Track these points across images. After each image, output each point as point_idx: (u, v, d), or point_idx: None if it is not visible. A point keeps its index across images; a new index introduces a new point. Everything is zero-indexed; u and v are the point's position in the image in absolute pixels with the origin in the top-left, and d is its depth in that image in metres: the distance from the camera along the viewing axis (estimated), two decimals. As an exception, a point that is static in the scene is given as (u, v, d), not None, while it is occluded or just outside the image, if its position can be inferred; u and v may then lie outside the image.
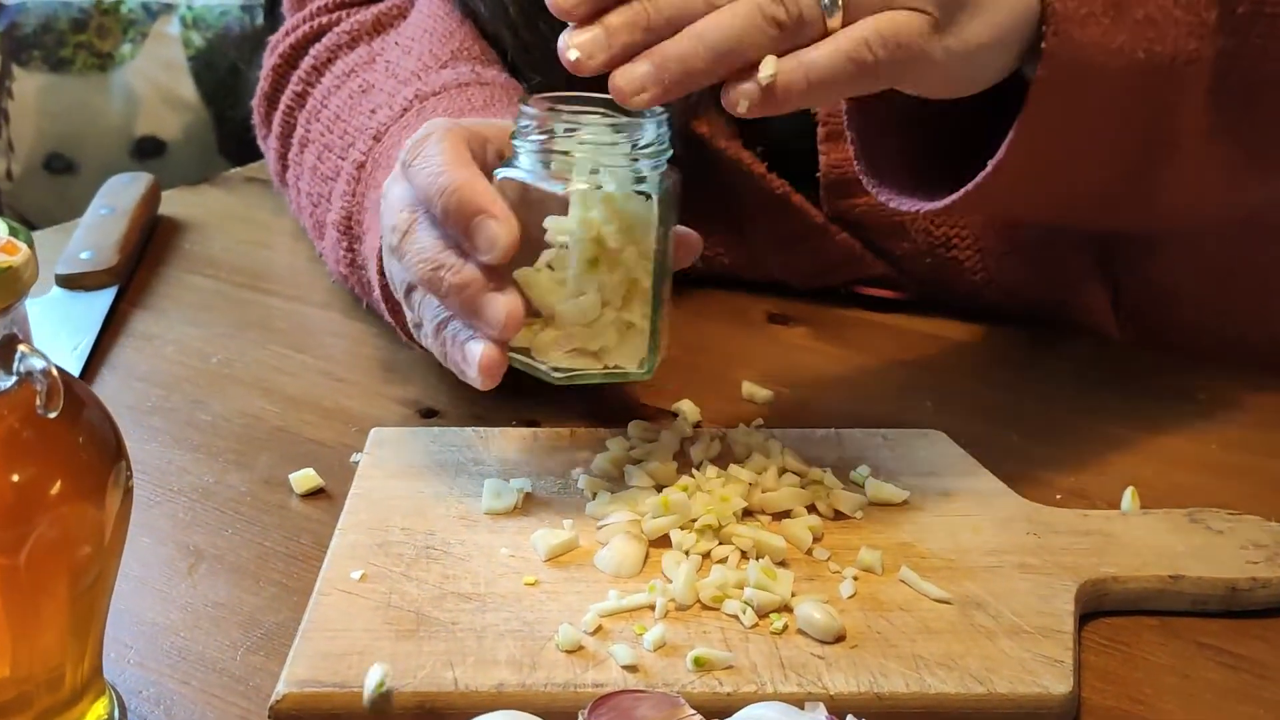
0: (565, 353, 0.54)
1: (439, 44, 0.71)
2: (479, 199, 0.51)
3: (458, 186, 0.51)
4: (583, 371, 0.55)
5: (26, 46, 1.23)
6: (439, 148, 0.53)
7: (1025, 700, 0.46)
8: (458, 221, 0.52)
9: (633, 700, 0.44)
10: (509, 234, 0.51)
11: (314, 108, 0.74)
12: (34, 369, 0.38)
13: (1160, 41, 0.54)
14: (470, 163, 0.53)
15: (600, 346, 0.54)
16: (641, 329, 0.54)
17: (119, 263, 0.79)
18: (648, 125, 0.53)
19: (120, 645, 0.50)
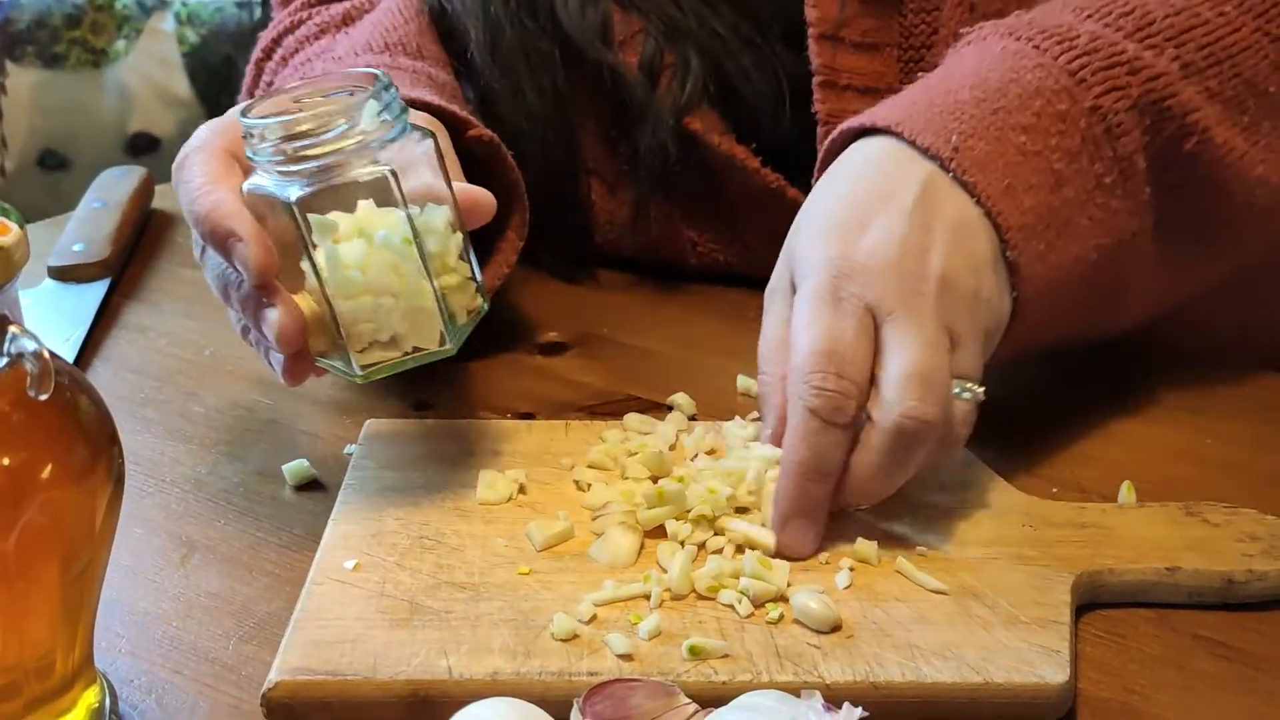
0: (360, 350, 0.53)
1: (378, 35, 0.72)
2: (227, 223, 0.52)
3: (207, 213, 0.52)
4: (385, 362, 0.54)
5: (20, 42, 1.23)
6: (194, 171, 0.54)
7: (1022, 690, 0.46)
8: (217, 248, 0.53)
9: (627, 689, 0.43)
10: (258, 256, 0.51)
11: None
12: (25, 350, 0.38)
13: (1107, 235, 0.58)
14: (222, 179, 0.54)
15: (392, 335, 0.53)
16: (429, 309, 0.53)
17: (111, 255, 0.79)
18: (369, 103, 0.52)
19: (112, 634, 0.50)
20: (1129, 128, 0.57)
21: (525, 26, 0.72)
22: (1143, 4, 0.60)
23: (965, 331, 0.53)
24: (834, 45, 0.69)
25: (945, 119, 0.56)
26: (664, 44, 0.72)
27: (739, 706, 0.42)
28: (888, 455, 0.51)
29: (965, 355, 0.53)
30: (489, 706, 0.41)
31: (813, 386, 0.51)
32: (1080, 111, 0.57)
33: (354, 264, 0.51)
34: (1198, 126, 0.58)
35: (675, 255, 0.77)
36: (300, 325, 0.52)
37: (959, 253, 0.54)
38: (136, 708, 0.47)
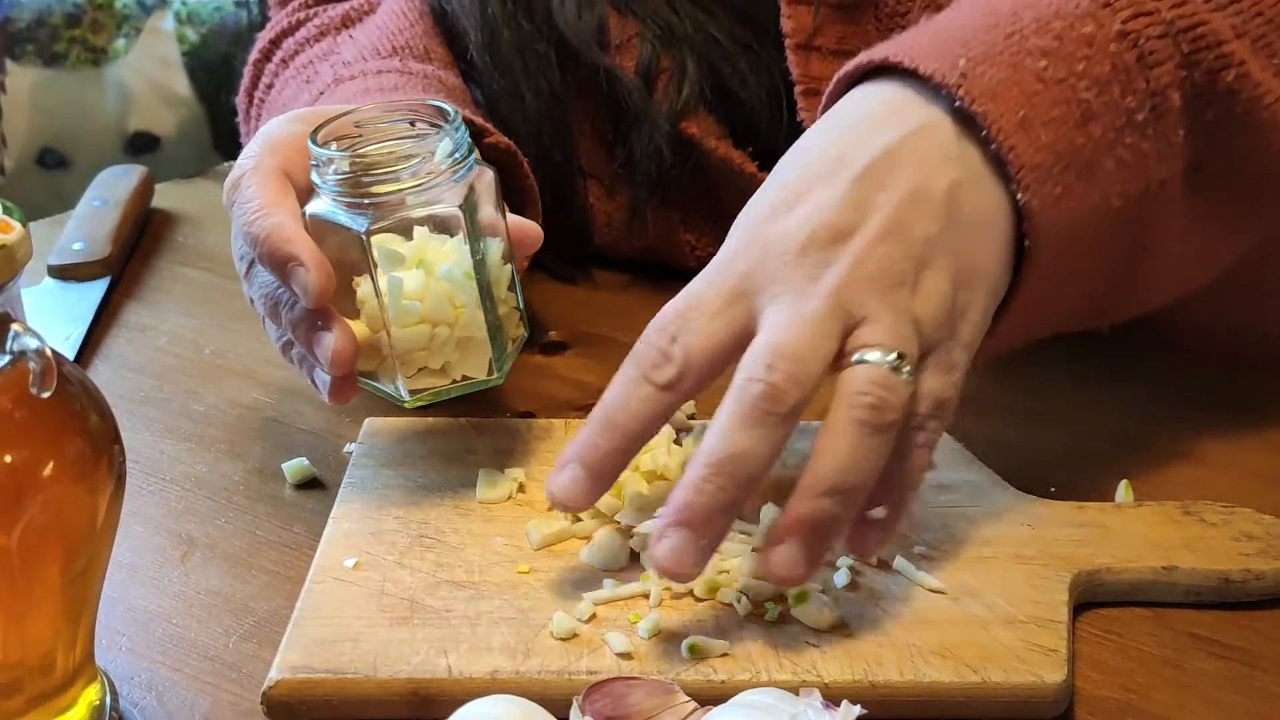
0: (410, 376, 0.54)
1: (384, 39, 0.72)
2: (287, 247, 0.52)
3: (267, 235, 0.52)
4: (433, 389, 0.55)
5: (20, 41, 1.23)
6: (251, 191, 0.54)
7: (1019, 689, 0.46)
8: (273, 270, 0.53)
9: (627, 687, 0.44)
10: (318, 281, 0.51)
11: (272, 100, 0.75)
12: (27, 348, 0.38)
13: (1133, 181, 0.52)
14: (280, 200, 0.53)
15: (443, 363, 0.54)
16: (480, 339, 0.54)
17: (112, 254, 0.79)
18: (442, 141, 0.53)
19: (112, 632, 0.50)
20: (1162, 56, 0.51)
21: (522, 28, 0.72)
22: None
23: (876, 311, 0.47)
24: (809, 54, 0.69)
25: (952, 45, 0.50)
26: (660, 48, 0.72)
27: (738, 704, 0.42)
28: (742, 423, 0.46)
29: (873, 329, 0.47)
30: (489, 704, 0.41)
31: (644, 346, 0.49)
32: (1109, 36, 0.50)
33: (414, 294, 0.52)
34: (1234, 58, 0.52)
35: (673, 257, 0.77)
36: (354, 349, 0.52)
37: (903, 218, 0.48)
38: (137, 705, 0.47)
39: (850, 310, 0.47)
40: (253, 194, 0.53)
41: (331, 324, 0.52)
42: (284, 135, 0.57)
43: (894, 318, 0.47)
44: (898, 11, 0.69)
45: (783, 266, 0.48)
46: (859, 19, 0.70)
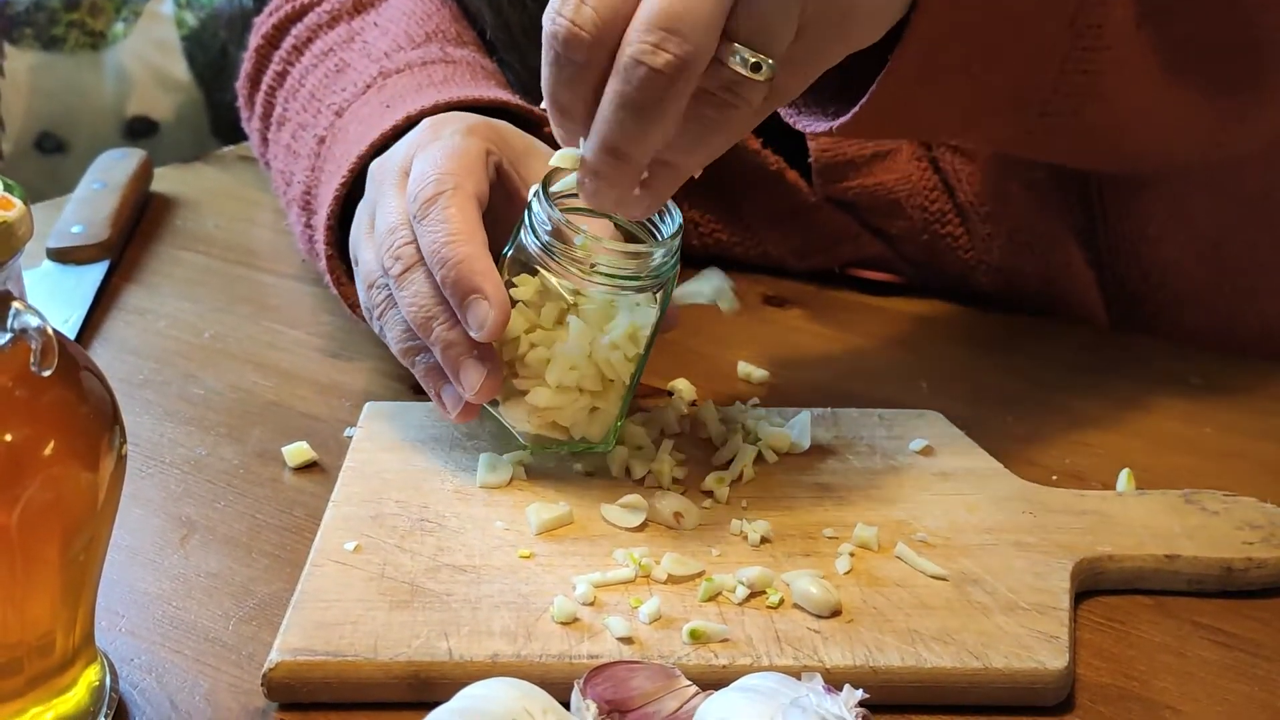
0: (540, 425, 0.55)
1: (415, 25, 0.72)
2: (476, 279, 0.52)
3: (459, 262, 0.52)
4: (549, 438, 0.56)
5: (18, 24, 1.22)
6: (449, 214, 0.54)
7: (1021, 675, 0.46)
8: (453, 295, 0.53)
9: (628, 671, 0.43)
10: (498, 320, 0.52)
11: (292, 87, 0.74)
12: (28, 326, 0.38)
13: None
14: (476, 231, 0.54)
15: (570, 424, 0.55)
16: (611, 413, 0.55)
17: (111, 237, 0.78)
18: (657, 252, 0.53)
19: (111, 614, 0.50)
20: None
21: (527, 7, 0.72)
22: None
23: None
24: None
25: None
26: None
27: (740, 688, 0.42)
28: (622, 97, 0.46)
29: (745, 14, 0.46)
30: (490, 686, 0.41)
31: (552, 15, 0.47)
32: None
33: (579, 364, 0.53)
34: None
35: None
36: (498, 387, 0.54)
37: None
38: (137, 686, 0.47)
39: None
40: (450, 215, 0.53)
41: (487, 357, 0.53)
42: (471, 153, 0.56)
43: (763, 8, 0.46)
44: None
45: None
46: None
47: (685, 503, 0.53)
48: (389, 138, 0.61)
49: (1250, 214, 0.71)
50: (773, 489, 0.55)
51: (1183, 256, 0.72)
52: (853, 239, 0.76)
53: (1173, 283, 0.72)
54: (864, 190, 0.73)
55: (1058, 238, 0.72)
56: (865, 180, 0.73)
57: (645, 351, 0.55)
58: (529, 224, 0.53)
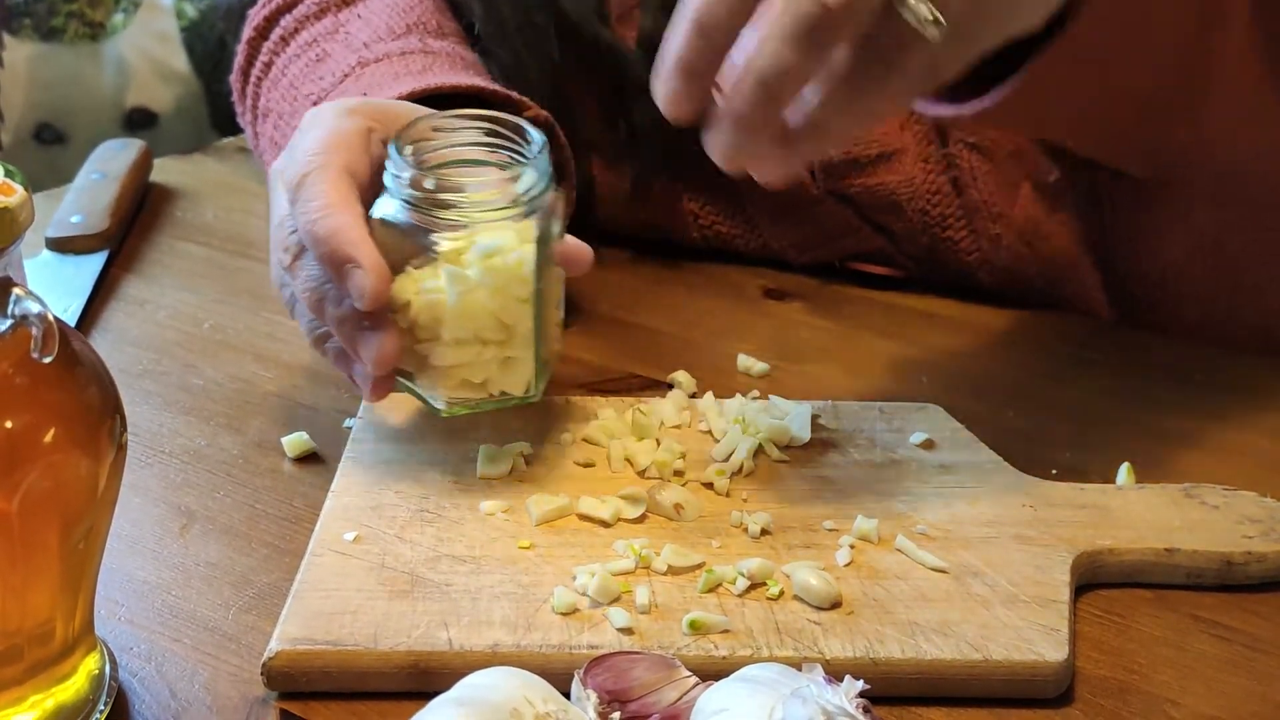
0: (452, 386, 0.54)
1: (397, 17, 0.72)
2: (348, 249, 0.51)
3: (328, 236, 0.52)
4: (468, 399, 0.55)
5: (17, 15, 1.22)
6: (315, 190, 0.53)
7: (1021, 667, 0.46)
8: (330, 269, 0.52)
9: (629, 662, 0.43)
10: (375, 286, 0.51)
11: (274, 78, 0.74)
12: (29, 312, 0.38)
13: None
14: (345, 202, 0.53)
15: (483, 379, 0.54)
16: (524, 359, 0.54)
17: (110, 227, 0.78)
18: (526, 172, 0.53)
19: (111, 603, 0.50)
20: None
21: (520, 2, 0.72)
22: None
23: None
24: None
25: None
26: (662, 19, 0.72)
27: (741, 679, 0.42)
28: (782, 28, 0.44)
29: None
30: (491, 675, 0.41)
31: None
32: None
33: (473, 313, 0.52)
34: None
35: (677, 228, 0.77)
36: (399, 352, 0.53)
37: None
38: (136, 675, 0.47)
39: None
40: (317, 193, 0.53)
41: (380, 325, 0.52)
42: (343, 130, 0.56)
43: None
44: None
45: None
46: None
47: (685, 494, 0.53)
48: None
49: (1253, 214, 0.71)
50: (773, 481, 0.55)
51: (1185, 257, 0.72)
52: (854, 233, 0.76)
53: (1174, 282, 0.72)
54: (865, 189, 0.73)
55: (1065, 238, 0.72)
56: (868, 180, 0.73)
57: (538, 288, 0.53)
58: (387, 183, 0.53)
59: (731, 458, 0.56)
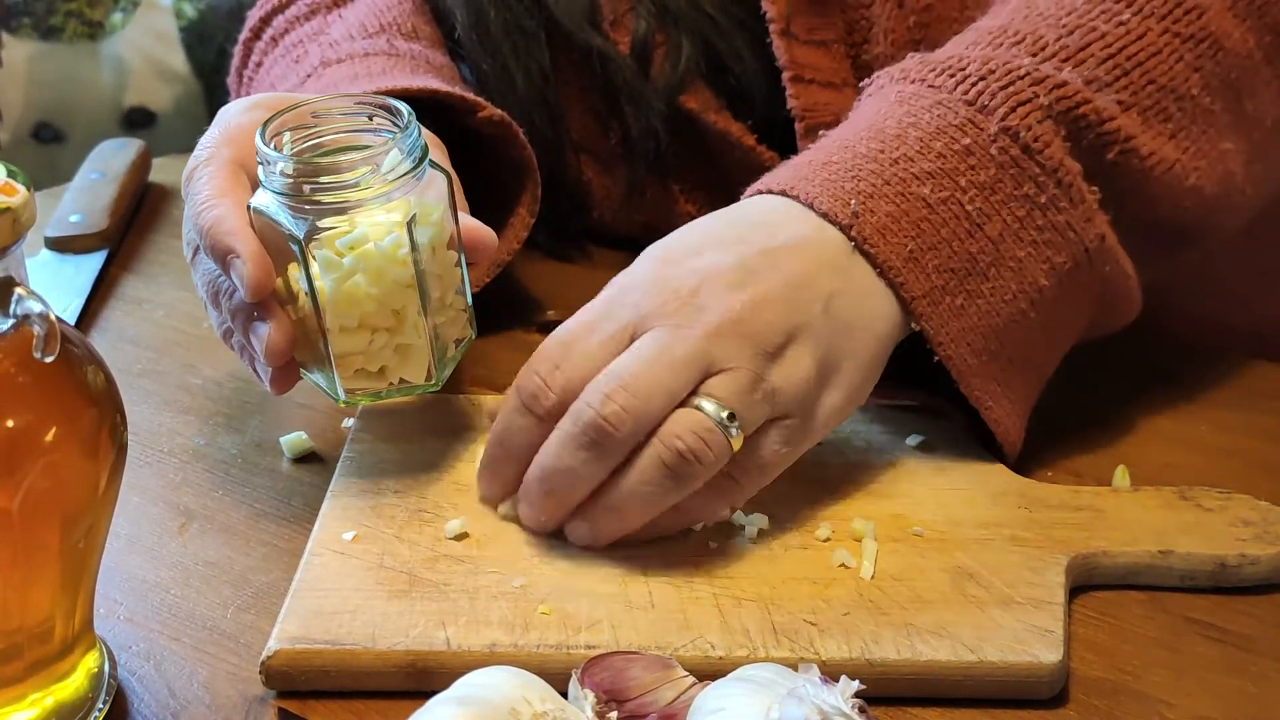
0: (347, 376, 0.53)
1: (371, 17, 0.72)
2: (228, 240, 0.51)
3: (210, 226, 0.52)
4: (369, 389, 0.54)
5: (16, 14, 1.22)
6: (201, 183, 0.54)
7: (1016, 668, 0.46)
8: (215, 260, 0.52)
9: (626, 661, 0.44)
10: (254, 275, 0.51)
11: (261, 78, 0.74)
12: (31, 312, 0.38)
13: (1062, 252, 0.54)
14: (228, 193, 0.53)
15: (380, 367, 0.53)
16: (419, 346, 0.53)
17: (109, 227, 0.78)
18: (391, 151, 0.51)
19: (110, 601, 0.50)
20: (1048, 139, 0.54)
21: (510, 8, 0.72)
22: (1033, 30, 0.57)
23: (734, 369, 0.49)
24: (789, 40, 0.69)
25: (843, 179, 0.54)
26: (655, 25, 0.72)
27: (738, 679, 0.42)
28: (569, 445, 0.49)
29: (724, 381, 0.49)
30: (489, 675, 0.42)
31: (529, 372, 0.51)
32: (987, 140, 0.54)
33: (352, 300, 0.51)
34: (1119, 135, 0.55)
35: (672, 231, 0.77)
36: (290, 341, 0.52)
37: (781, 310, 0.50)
38: (135, 673, 0.47)
39: (714, 359, 0.49)
40: (203, 184, 0.53)
41: (268, 316, 0.52)
42: (242, 124, 0.56)
43: (748, 378, 0.49)
44: (861, 3, 0.69)
45: (669, 304, 0.50)
46: (826, 11, 0.70)
47: None
48: None
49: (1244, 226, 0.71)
50: (770, 484, 0.55)
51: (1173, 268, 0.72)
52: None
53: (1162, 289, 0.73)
54: None
55: None
56: None
57: (422, 270, 0.51)
58: (259, 174, 0.52)
59: None
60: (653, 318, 0.50)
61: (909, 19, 0.67)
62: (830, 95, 0.70)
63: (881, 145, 0.55)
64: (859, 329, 0.52)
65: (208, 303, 0.56)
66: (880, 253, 0.53)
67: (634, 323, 0.51)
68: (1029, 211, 0.54)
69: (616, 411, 0.48)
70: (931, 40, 0.67)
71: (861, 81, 0.61)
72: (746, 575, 0.50)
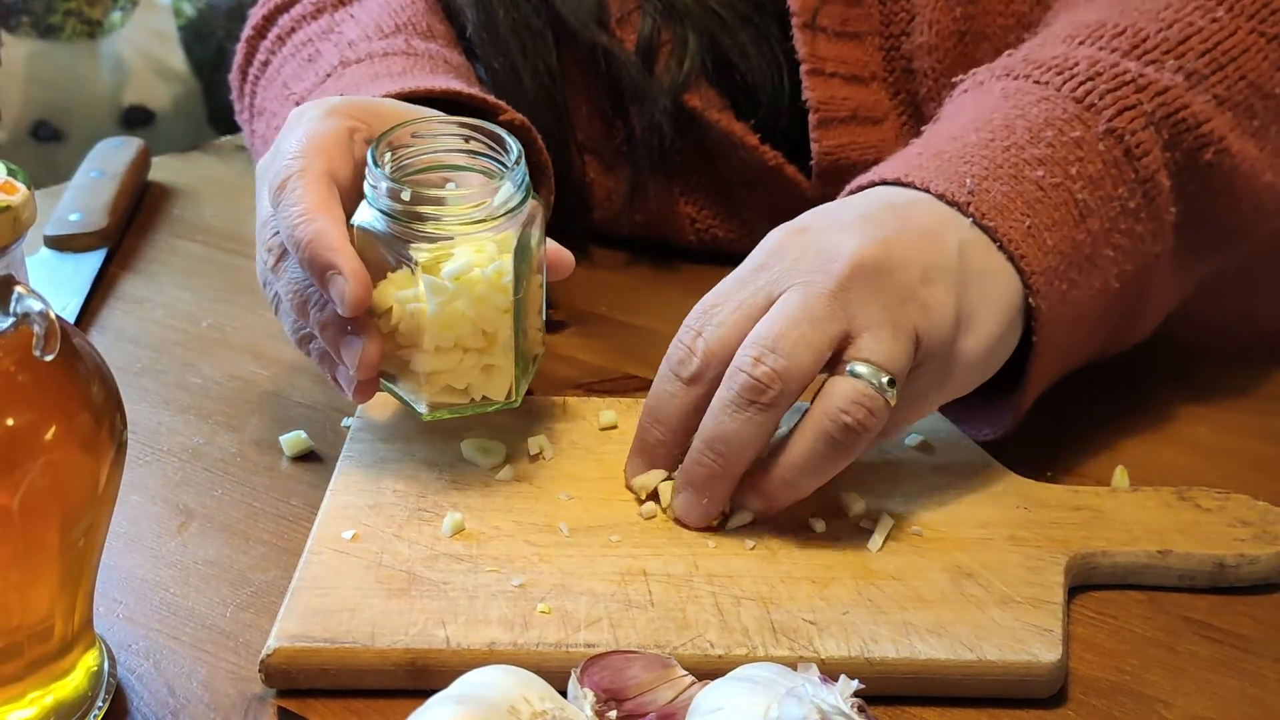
0: (434, 391, 0.54)
1: (386, 17, 0.72)
2: (329, 255, 0.52)
3: (310, 240, 0.52)
4: (450, 405, 0.55)
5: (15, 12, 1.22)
6: (296, 194, 0.54)
7: (1014, 667, 0.46)
8: (313, 275, 0.53)
9: (625, 661, 0.44)
10: (355, 293, 0.51)
11: (270, 77, 0.74)
12: (31, 310, 0.38)
13: (1131, 261, 0.56)
14: (326, 206, 0.53)
15: (465, 385, 0.55)
16: (505, 366, 0.55)
17: (109, 225, 0.78)
18: (504, 184, 0.53)
19: (109, 600, 0.50)
20: (1148, 146, 0.56)
21: (518, 6, 0.72)
22: (1133, 23, 0.59)
23: (877, 321, 0.50)
24: (814, 34, 0.70)
25: (956, 165, 0.55)
26: (661, 21, 0.72)
27: (737, 678, 0.42)
28: (729, 408, 0.50)
29: (872, 341, 0.50)
30: (488, 673, 0.42)
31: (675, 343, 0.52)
32: (1095, 136, 0.55)
33: (453, 323, 0.53)
34: (1214, 136, 0.57)
35: (674, 231, 0.77)
36: (381, 356, 0.53)
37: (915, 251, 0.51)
38: (134, 672, 0.47)
39: (853, 314, 0.50)
40: (299, 197, 0.53)
41: (362, 331, 0.53)
42: (327, 133, 0.56)
43: (893, 333, 0.50)
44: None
45: (801, 264, 0.51)
46: (861, 2, 0.70)
47: None
48: None
49: None
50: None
51: None
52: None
53: None
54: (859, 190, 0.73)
55: None
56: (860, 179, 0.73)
57: (519, 297, 0.53)
58: (366, 192, 0.53)
59: None
60: (788, 276, 0.51)
61: (955, 10, 0.68)
62: (851, 90, 0.70)
63: (991, 135, 0.56)
64: (992, 280, 0.53)
65: (289, 308, 0.56)
66: (1000, 227, 0.53)
67: (770, 284, 0.51)
68: (1120, 213, 0.56)
69: (767, 373, 0.49)
70: (976, 31, 0.68)
71: (893, 73, 0.62)
72: (745, 574, 0.50)
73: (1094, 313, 0.56)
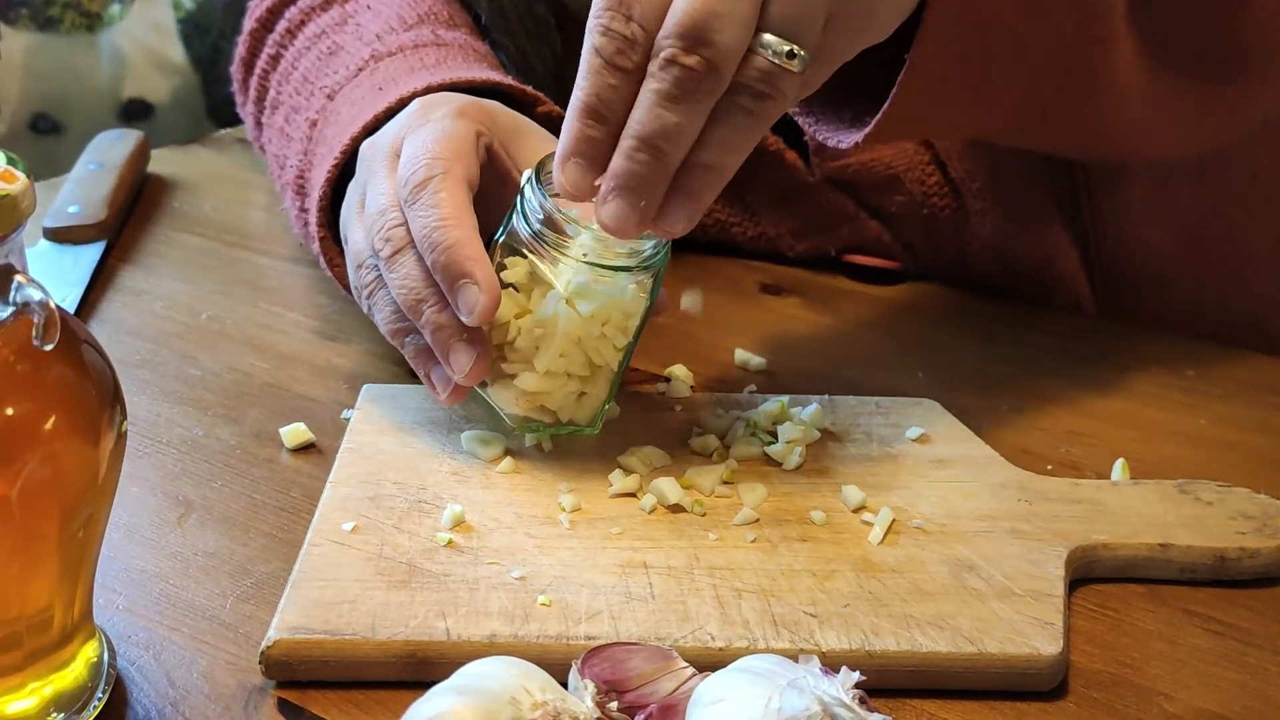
0: (529, 408, 0.55)
1: (407, 8, 0.72)
2: (467, 264, 0.52)
3: (449, 247, 0.52)
4: (538, 421, 0.56)
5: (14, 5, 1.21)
6: (439, 198, 0.54)
7: (1015, 660, 0.46)
8: (444, 279, 0.53)
9: (626, 652, 0.44)
10: (488, 305, 0.52)
11: (285, 70, 0.74)
12: (31, 300, 0.38)
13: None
14: (466, 215, 0.54)
15: (558, 407, 0.55)
16: (598, 396, 0.56)
17: (108, 218, 0.78)
18: (648, 240, 0.53)
19: (109, 591, 0.50)
20: None
21: None
22: None
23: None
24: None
25: None
26: None
27: (738, 669, 0.42)
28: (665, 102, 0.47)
29: (779, 5, 0.47)
30: (489, 664, 0.41)
31: (600, 25, 0.49)
32: None
33: (570, 350, 0.54)
34: None
35: None
36: (487, 369, 0.54)
37: None
38: (134, 663, 0.47)
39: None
40: (441, 200, 0.53)
41: (476, 341, 0.53)
42: (462, 135, 0.56)
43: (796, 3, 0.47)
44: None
45: None
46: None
47: (678, 491, 0.53)
48: (380, 120, 0.61)
49: (1234, 197, 0.72)
50: (770, 475, 0.55)
51: (1166, 238, 0.72)
52: (851, 220, 0.76)
53: (1156, 265, 0.73)
54: (862, 166, 0.73)
55: (1045, 213, 0.73)
56: (863, 156, 0.73)
57: (634, 339, 0.55)
58: (521, 210, 0.54)
59: (727, 459, 0.56)
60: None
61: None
62: None
63: None
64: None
65: (386, 298, 0.56)
66: None
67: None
68: None
69: (698, 62, 0.47)
70: None
71: None
72: (746, 567, 0.50)
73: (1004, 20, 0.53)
